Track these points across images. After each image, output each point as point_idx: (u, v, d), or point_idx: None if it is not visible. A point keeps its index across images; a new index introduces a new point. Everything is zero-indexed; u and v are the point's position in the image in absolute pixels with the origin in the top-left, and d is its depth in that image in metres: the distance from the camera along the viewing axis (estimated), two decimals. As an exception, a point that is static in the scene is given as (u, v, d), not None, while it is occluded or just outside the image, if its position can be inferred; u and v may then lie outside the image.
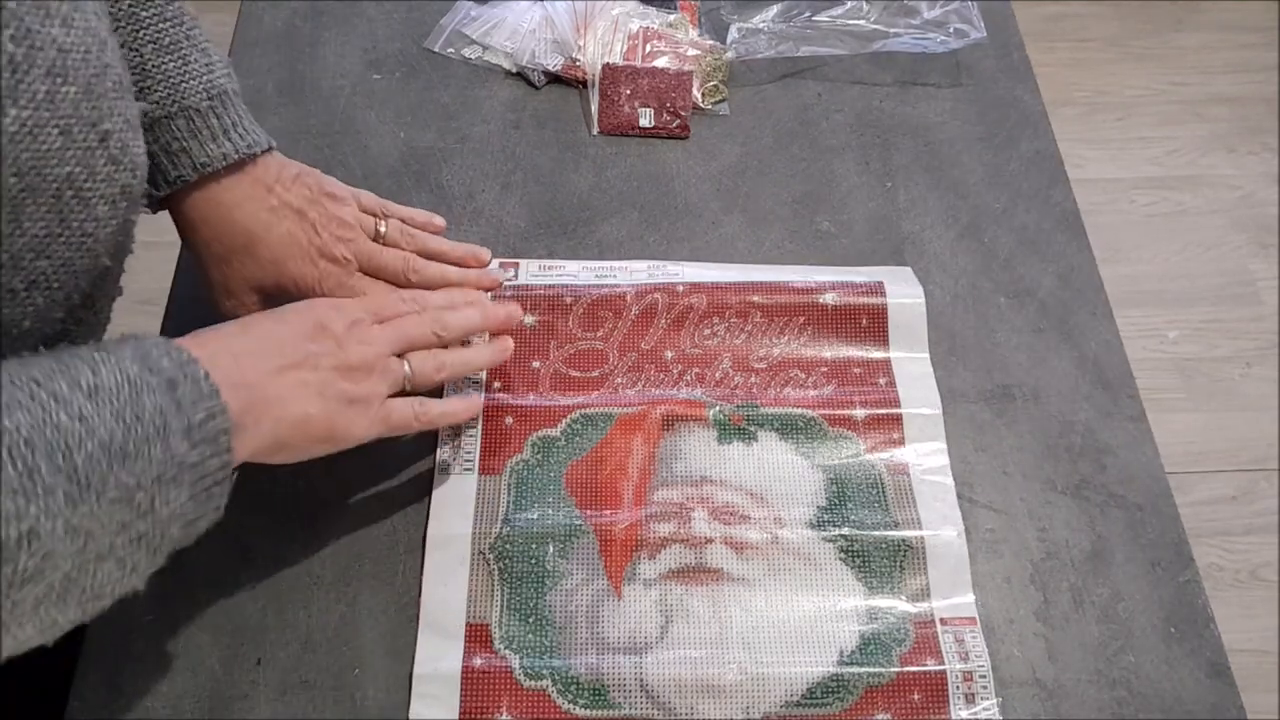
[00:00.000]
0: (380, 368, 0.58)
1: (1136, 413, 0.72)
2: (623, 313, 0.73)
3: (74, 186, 0.47)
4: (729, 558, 0.64)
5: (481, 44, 0.89)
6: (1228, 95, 2.00)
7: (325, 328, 0.57)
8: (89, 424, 0.43)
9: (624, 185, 0.82)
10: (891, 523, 0.65)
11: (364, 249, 0.67)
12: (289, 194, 0.64)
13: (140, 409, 0.45)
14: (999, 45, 0.91)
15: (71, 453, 0.42)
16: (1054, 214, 0.82)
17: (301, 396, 0.54)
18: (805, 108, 0.87)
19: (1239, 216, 1.84)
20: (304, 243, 0.64)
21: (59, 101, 0.45)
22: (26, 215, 0.45)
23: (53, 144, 0.45)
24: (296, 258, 0.64)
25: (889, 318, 0.73)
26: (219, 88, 0.62)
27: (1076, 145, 1.90)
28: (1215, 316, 1.73)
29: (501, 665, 0.60)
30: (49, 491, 0.41)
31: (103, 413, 0.44)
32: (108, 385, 0.45)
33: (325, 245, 0.65)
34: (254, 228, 0.63)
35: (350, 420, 0.57)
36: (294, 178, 0.65)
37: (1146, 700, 0.61)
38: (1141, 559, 0.66)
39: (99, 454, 0.43)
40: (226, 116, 0.62)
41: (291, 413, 0.54)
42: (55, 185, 0.46)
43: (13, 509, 0.40)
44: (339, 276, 0.65)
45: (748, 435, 0.69)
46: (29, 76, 0.43)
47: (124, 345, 0.48)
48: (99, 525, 0.43)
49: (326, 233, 0.65)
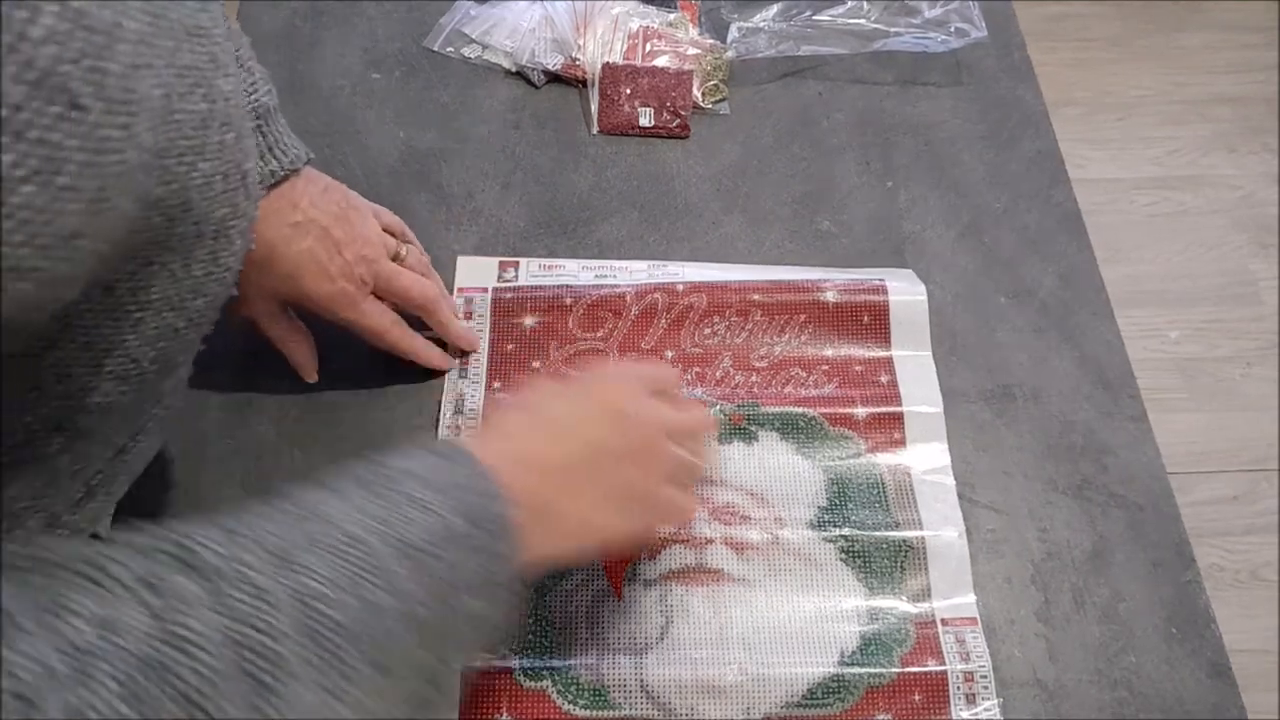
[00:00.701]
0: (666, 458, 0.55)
1: (1137, 413, 0.72)
2: (623, 313, 0.73)
3: (224, 227, 0.47)
4: (729, 558, 0.63)
5: (481, 43, 0.89)
6: (1229, 95, 2.00)
7: (622, 416, 0.53)
8: (401, 594, 0.40)
9: (624, 185, 0.82)
10: (892, 523, 0.65)
11: (384, 270, 0.67)
12: (315, 209, 0.64)
13: (455, 570, 0.43)
14: (1000, 45, 0.91)
15: (380, 639, 0.39)
16: (1055, 214, 0.81)
17: (603, 515, 0.52)
18: (806, 107, 0.87)
19: (1240, 216, 1.84)
20: (324, 260, 0.64)
21: (226, 150, 0.45)
22: (195, 259, 0.45)
23: (218, 190, 0.45)
24: (314, 275, 0.64)
25: (891, 314, 0.73)
26: (264, 106, 0.61)
27: (1078, 145, 1.89)
28: (1216, 316, 1.72)
29: (501, 666, 0.60)
30: (351, 680, 0.38)
31: (420, 579, 0.41)
32: (426, 543, 0.42)
33: (347, 266, 0.65)
34: (275, 241, 0.62)
35: (647, 524, 0.55)
36: (322, 191, 0.65)
37: (1147, 700, 0.61)
38: (1142, 559, 0.66)
39: (403, 632, 0.40)
40: (271, 134, 0.62)
41: (594, 537, 0.52)
42: (214, 228, 0.46)
43: (314, 701, 0.37)
44: (353, 297, 0.65)
45: (748, 435, 0.69)
46: (209, 130, 0.44)
47: (438, 465, 0.46)
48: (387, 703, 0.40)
49: (350, 252, 0.65)
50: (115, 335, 0.43)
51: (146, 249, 0.42)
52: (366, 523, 0.41)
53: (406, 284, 0.68)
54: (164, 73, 0.38)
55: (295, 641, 0.36)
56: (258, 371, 0.70)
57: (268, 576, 0.38)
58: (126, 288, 0.42)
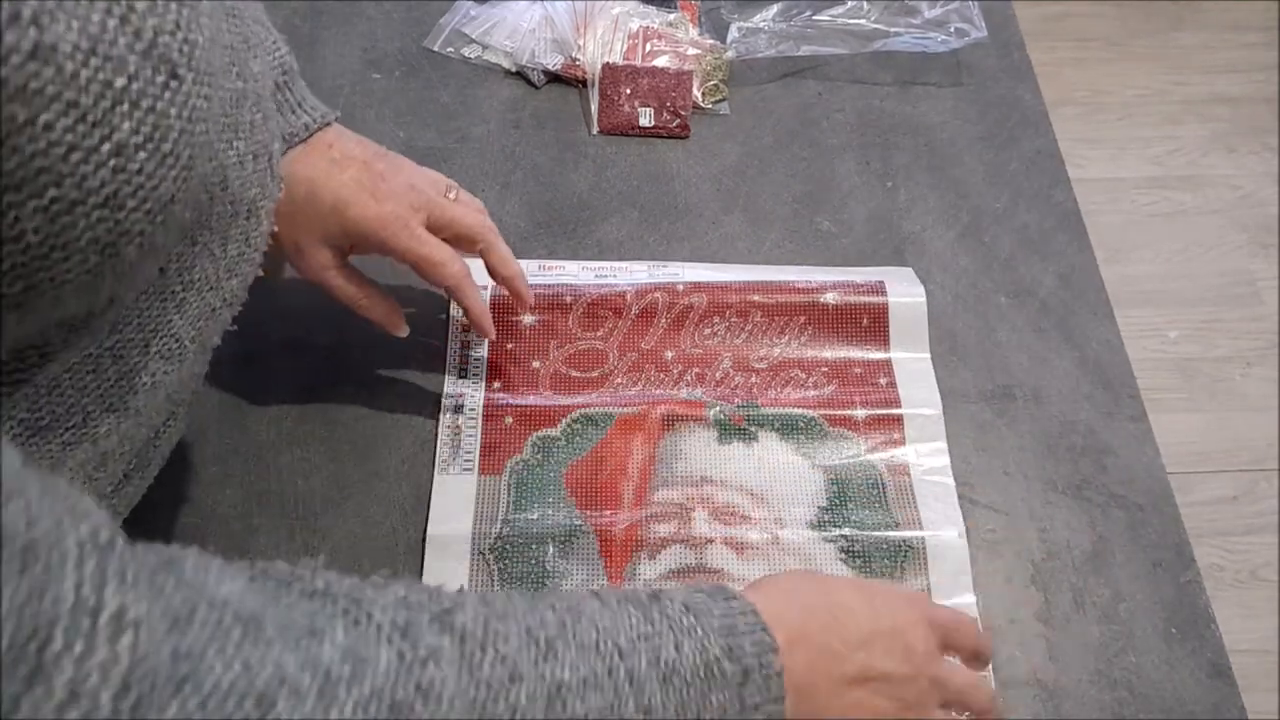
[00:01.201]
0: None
1: (1137, 413, 0.72)
2: (623, 312, 0.73)
3: (255, 207, 0.47)
4: (729, 558, 0.63)
5: (481, 43, 0.89)
6: (1228, 95, 1.99)
7: (912, 651, 0.49)
8: (648, 709, 0.40)
9: (624, 185, 0.82)
10: (892, 523, 0.65)
11: (435, 201, 0.63)
12: (352, 150, 0.61)
13: (705, 704, 0.41)
14: (1000, 45, 0.91)
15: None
16: (1055, 214, 0.81)
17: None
18: (805, 107, 0.87)
19: (1239, 216, 1.84)
20: (367, 184, 0.60)
21: (256, 130, 0.46)
22: (231, 239, 0.46)
23: (249, 170, 0.46)
24: (360, 201, 0.60)
25: (890, 317, 0.73)
26: (288, 64, 0.60)
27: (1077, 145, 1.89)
28: (1216, 316, 1.72)
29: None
30: None
31: (669, 703, 0.40)
32: (686, 668, 0.41)
33: (392, 189, 0.61)
34: (315, 175, 0.60)
35: None
36: (356, 141, 0.63)
37: (1147, 701, 0.61)
38: (1142, 559, 0.66)
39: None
40: (298, 91, 0.60)
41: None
42: (246, 208, 0.46)
43: None
44: (406, 219, 0.61)
45: (748, 435, 0.69)
46: (242, 109, 0.44)
47: (713, 603, 0.45)
48: None
49: (397, 181, 0.62)
50: (162, 315, 0.44)
51: (192, 228, 0.43)
52: (630, 635, 0.41)
53: (459, 214, 0.63)
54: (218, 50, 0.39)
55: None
56: (258, 371, 0.70)
57: (523, 658, 0.38)
58: (174, 268, 0.43)
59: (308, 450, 0.68)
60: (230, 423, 0.69)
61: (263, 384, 0.70)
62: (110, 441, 0.45)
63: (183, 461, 0.67)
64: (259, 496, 0.66)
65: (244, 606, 0.33)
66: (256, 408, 0.69)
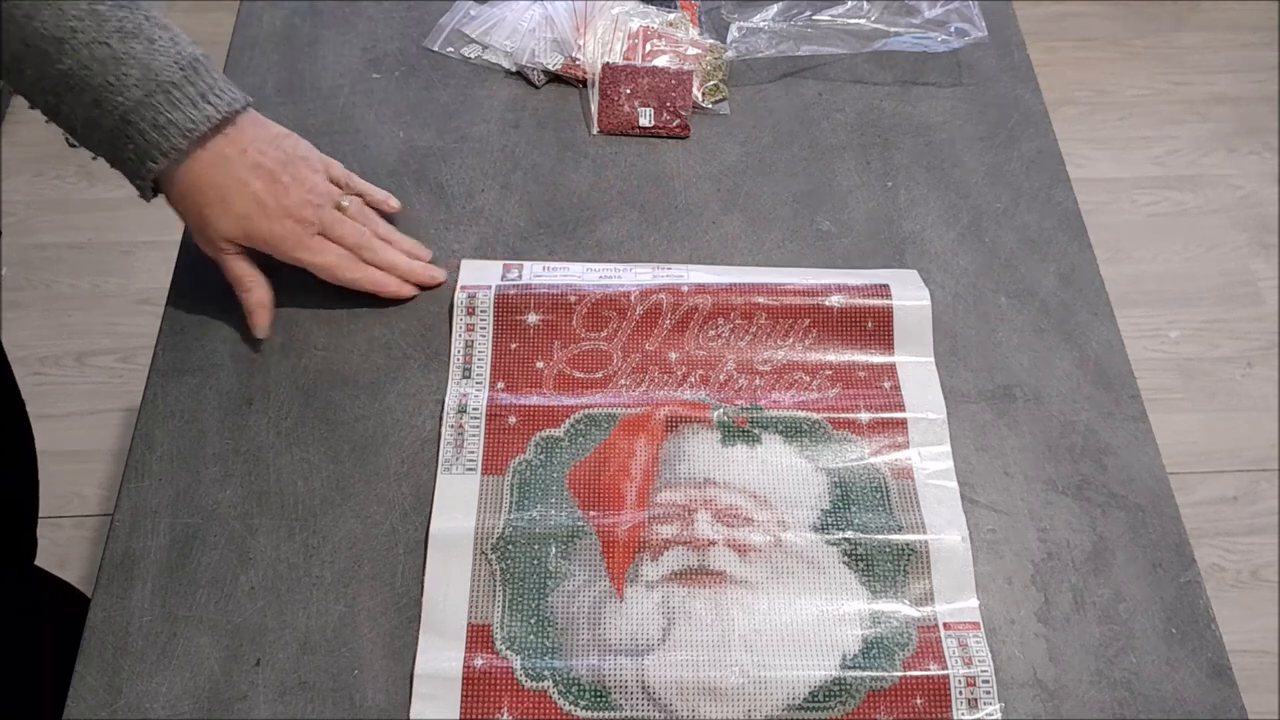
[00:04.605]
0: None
1: (1138, 413, 0.72)
2: (627, 313, 0.73)
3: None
4: (732, 560, 0.63)
5: (481, 43, 0.89)
6: (1229, 95, 2.00)
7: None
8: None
9: (624, 185, 0.82)
10: (895, 526, 0.65)
11: (327, 216, 0.71)
12: (263, 156, 0.68)
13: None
14: (1000, 44, 0.91)
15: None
16: (1055, 214, 0.81)
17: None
18: (806, 107, 0.87)
19: (1240, 216, 1.84)
20: (271, 203, 0.68)
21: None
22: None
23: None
24: (264, 216, 0.68)
25: (895, 321, 0.73)
26: (188, 56, 0.65)
27: (1078, 145, 1.90)
28: (1216, 316, 1.72)
29: (503, 666, 0.60)
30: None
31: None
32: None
33: (293, 207, 0.69)
34: (228, 184, 0.68)
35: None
36: (270, 140, 0.70)
37: (1148, 701, 0.61)
38: (1143, 559, 0.66)
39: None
40: (202, 82, 0.66)
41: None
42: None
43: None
44: (300, 236, 0.70)
45: (752, 437, 0.68)
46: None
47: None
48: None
49: (296, 195, 0.69)
50: None
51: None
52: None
53: (346, 231, 0.72)
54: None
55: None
56: (258, 371, 0.70)
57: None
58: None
59: (308, 450, 0.68)
60: (230, 423, 0.69)
61: (263, 384, 0.70)
62: None
63: (183, 461, 0.67)
64: (259, 496, 0.66)
65: None
66: (257, 408, 0.69)
